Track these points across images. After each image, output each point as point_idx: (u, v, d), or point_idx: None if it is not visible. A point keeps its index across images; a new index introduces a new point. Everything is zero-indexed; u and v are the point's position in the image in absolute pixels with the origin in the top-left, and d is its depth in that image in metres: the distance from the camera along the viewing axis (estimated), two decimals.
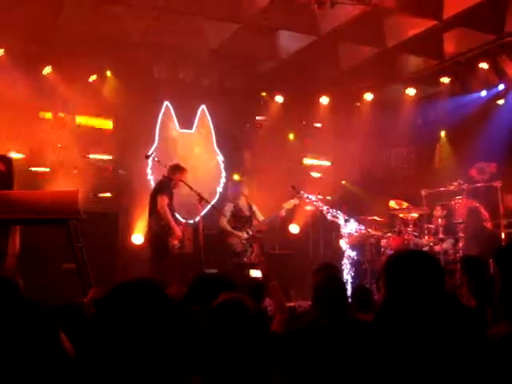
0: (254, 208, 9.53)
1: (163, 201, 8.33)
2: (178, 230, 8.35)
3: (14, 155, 8.97)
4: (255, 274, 8.48)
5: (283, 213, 9.37)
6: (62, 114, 10.45)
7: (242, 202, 9.52)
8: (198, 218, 8.48)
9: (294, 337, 3.10)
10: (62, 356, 2.09)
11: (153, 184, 11.14)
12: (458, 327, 1.66)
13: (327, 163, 13.15)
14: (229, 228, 9.28)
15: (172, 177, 8.69)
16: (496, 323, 2.61)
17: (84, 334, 2.46)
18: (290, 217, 10.93)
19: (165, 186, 8.58)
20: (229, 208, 9.43)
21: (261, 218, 9.47)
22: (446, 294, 2.23)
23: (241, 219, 9.37)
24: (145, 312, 2.08)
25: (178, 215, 11.21)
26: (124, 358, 2.02)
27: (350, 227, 9.02)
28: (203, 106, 12.05)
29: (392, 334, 1.46)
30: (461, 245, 9.44)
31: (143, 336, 2.04)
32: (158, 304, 2.12)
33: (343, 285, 4.43)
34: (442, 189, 10.59)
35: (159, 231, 8.36)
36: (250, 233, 9.24)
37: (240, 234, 9.22)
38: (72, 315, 2.89)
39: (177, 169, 8.85)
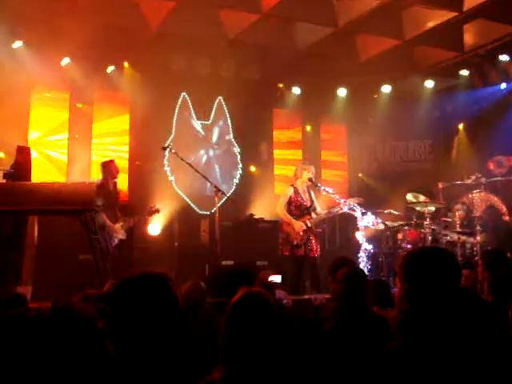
0: (313, 197, 8.51)
1: None
2: None
3: None
4: (273, 278, 7.91)
5: (344, 208, 8.30)
6: (79, 105, 10.47)
7: (303, 188, 8.43)
8: (214, 210, 8.38)
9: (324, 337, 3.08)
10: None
11: (169, 175, 11.19)
12: (481, 326, 1.63)
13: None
14: (289, 215, 8.24)
15: (103, 175, 8.25)
16: None
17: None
18: None
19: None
20: (289, 192, 8.37)
21: (318, 209, 8.48)
22: (463, 291, 2.20)
23: (300, 207, 8.31)
24: (149, 306, 2.10)
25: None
26: (135, 354, 2.03)
27: (367, 220, 8.91)
28: (220, 98, 12.03)
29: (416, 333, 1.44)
30: (479, 239, 9.37)
31: (148, 332, 2.06)
32: (162, 298, 2.14)
33: (367, 280, 4.34)
34: (459, 182, 10.50)
35: None
36: (309, 225, 8.21)
37: (301, 224, 8.16)
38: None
39: (103, 167, 8.33)
